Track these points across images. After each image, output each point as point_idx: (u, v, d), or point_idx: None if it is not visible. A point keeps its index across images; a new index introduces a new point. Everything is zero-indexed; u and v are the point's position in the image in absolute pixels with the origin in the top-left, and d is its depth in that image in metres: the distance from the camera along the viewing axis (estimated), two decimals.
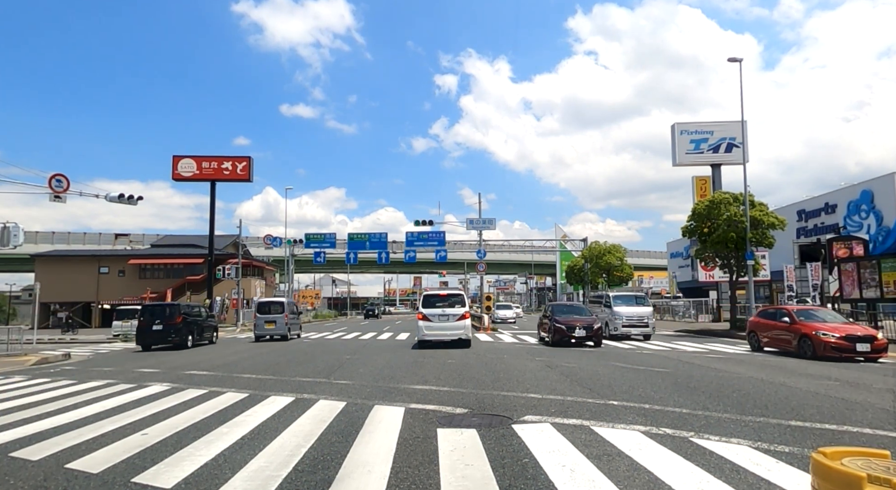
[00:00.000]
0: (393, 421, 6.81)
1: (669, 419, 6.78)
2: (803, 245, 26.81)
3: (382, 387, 9.74)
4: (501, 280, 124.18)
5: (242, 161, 37.61)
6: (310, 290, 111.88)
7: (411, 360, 14.17)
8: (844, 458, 2.61)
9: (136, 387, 10.43)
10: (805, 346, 14.77)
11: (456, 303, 18.77)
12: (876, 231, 28.85)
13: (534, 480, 4.51)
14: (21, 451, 5.76)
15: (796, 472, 4.66)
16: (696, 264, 37.45)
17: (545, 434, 6.02)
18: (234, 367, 13.52)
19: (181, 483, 4.60)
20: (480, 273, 38.81)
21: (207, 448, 5.67)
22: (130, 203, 24.13)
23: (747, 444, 5.58)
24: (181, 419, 7.21)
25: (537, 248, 75.20)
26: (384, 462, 5.05)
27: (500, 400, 8.23)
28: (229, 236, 53.57)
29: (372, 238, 50.57)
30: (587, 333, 17.96)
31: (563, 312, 19.51)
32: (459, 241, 60.24)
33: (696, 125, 43.29)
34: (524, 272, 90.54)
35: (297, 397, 8.75)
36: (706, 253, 26.47)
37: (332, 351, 17.96)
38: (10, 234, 18.61)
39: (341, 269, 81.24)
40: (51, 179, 20.74)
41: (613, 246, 49.33)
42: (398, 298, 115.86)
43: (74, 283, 47.47)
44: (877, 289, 20.61)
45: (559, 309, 20.28)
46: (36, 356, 17.32)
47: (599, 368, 12.14)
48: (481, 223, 38.65)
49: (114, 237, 62.85)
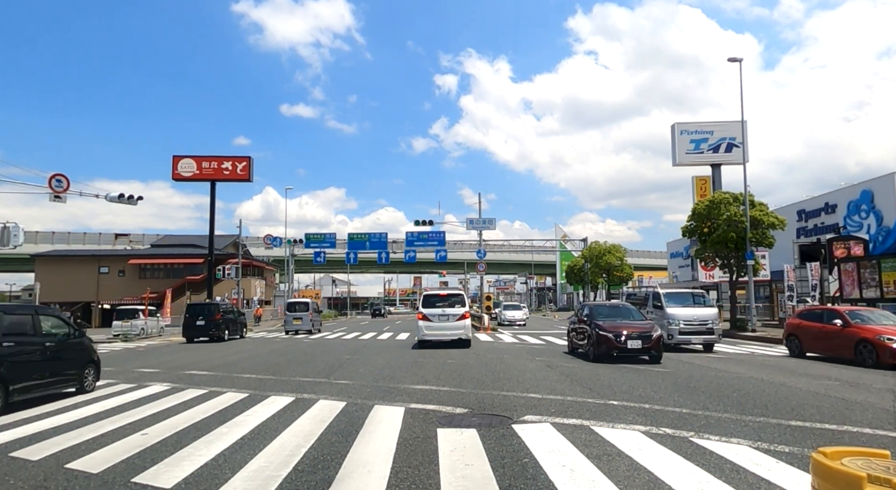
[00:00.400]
0: (393, 421, 6.81)
1: (669, 419, 6.78)
2: (803, 245, 26.77)
3: (382, 387, 9.74)
4: (501, 280, 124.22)
5: (242, 161, 37.60)
6: (310, 290, 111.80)
7: (411, 360, 14.18)
8: (844, 458, 2.61)
9: (136, 387, 10.43)
10: (865, 354, 12.79)
11: (456, 303, 18.77)
12: (876, 231, 28.85)
13: (534, 480, 4.51)
14: (21, 451, 5.76)
15: (796, 472, 4.67)
16: (696, 264, 37.45)
17: (545, 434, 6.03)
18: (234, 367, 13.52)
19: (181, 483, 4.60)
20: (480, 273, 38.82)
21: (207, 448, 5.67)
22: (130, 203, 24.15)
23: (747, 444, 5.58)
24: (181, 419, 7.21)
25: (537, 248, 75.28)
26: (384, 462, 5.05)
27: (500, 400, 8.23)
28: (229, 236, 53.57)
29: (372, 238, 50.60)
30: (643, 344, 13.27)
31: (606, 315, 14.92)
32: (459, 241, 60.33)
33: (696, 125, 43.29)
34: (524, 272, 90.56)
35: (297, 397, 8.75)
36: (706, 253, 26.49)
37: (331, 351, 17.97)
38: (10, 234, 18.62)
39: (341, 269, 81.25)
40: (51, 179, 20.75)
41: (613, 246, 49.39)
42: (398, 298, 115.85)
43: (74, 283, 47.45)
44: (877, 289, 20.61)
45: (600, 311, 15.44)
46: None
47: (599, 368, 12.14)
48: (481, 223, 38.67)
49: (114, 237, 62.86)
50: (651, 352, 13.38)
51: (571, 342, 16.14)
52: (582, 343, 14.92)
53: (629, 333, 13.37)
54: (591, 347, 13.92)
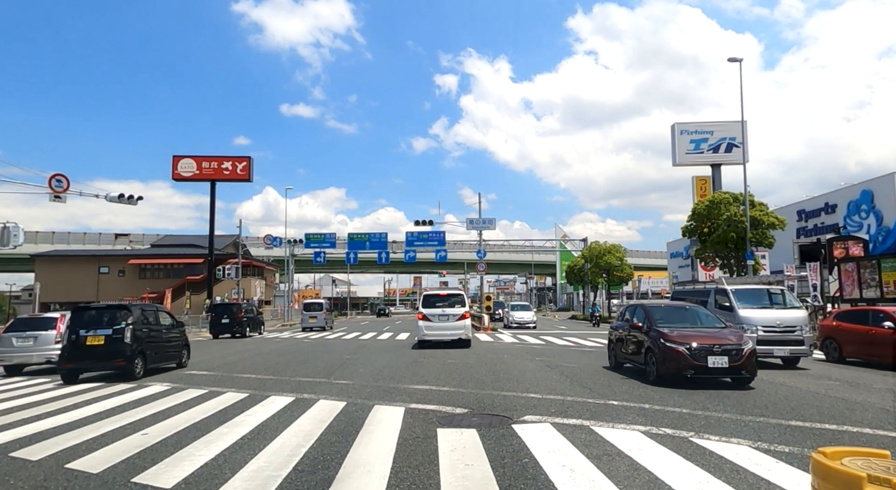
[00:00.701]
0: (393, 421, 6.81)
1: (669, 419, 6.78)
2: (803, 245, 26.82)
3: (382, 387, 9.74)
4: (501, 280, 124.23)
5: (242, 161, 37.61)
6: (310, 290, 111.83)
7: (411, 360, 14.17)
8: (844, 458, 2.61)
9: (136, 387, 10.43)
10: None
11: (456, 303, 18.76)
12: (876, 231, 28.87)
13: (534, 480, 4.51)
14: (21, 451, 5.76)
15: (796, 472, 4.67)
16: (696, 264, 37.46)
17: (545, 434, 6.02)
18: (234, 367, 13.52)
19: (181, 483, 4.60)
20: (480, 273, 38.83)
21: (207, 448, 5.67)
22: (130, 203, 24.16)
23: (747, 444, 5.58)
24: (181, 419, 7.21)
25: (537, 248, 75.25)
26: (384, 462, 5.05)
27: (500, 400, 8.23)
28: (229, 236, 53.54)
29: (372, 238, 50.59)
30: (731, 362, 9.34)
31: (669, 319, 10.97)
32: (459, 241, 60.33)
33: (696, 125, 43.33)
34: (524, 272, 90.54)
35: (297, 397, 8.75)
36: (706, 253, 26.51)
37: (332, 351, 17.97)
38: (10, 234, 18.63)
39: (341, 269, 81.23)
40: (51, 179, 20.76)
41: (613, 246, 49.32)
42: (398, 298, 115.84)
43: (74, 283, 47.43)
44: (877, 289, 20.60)
45: (661, 313, 11.34)
46: None
47: (599, 368, 12.13)
48: (481, 223, 38.67)
49: (114, 237, 62.85)
50: (741, 372, 9.40)
51: (617, 354, 12.33)
52: (634, 357, 11.13)
53: (710, 346, 9.44)
54: (653, 364, 9.97)
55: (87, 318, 11.97)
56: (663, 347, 9.77)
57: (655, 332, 10.22)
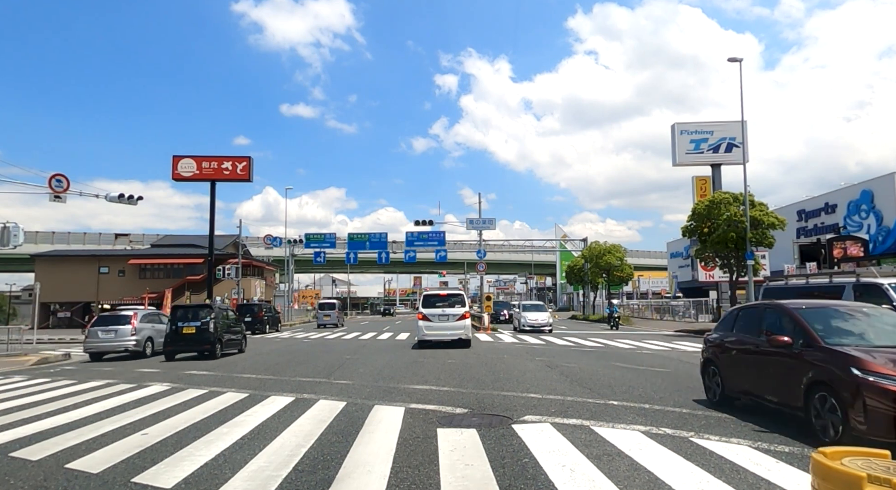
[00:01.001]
0: (393, 421, 6.81)
1: (669, 419, 6.78)
2: (803, 245, 26.82)
3: (382, 387, 9.74)
4: (501, 280, 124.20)
5: (242, 161, 37.56)
6: (310, 290, 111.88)
7: (411, 360, 14.18)
8: (844, 458, 2.61)
9: (136, 387, 10.43)
10: None
11: (456, 303, 18.77)
12: (876, 231, 28.86)
13: (534, 480, 4.51)
14: (21, 451, 5.76)
15: (796, 471, 4.66)
16: (696, 264, 37.46)
17: (545, 434, 6.02)
18: (234, 367, 13.53)
19: (181, 483, 4.60)
20: (480, 273, 38.80)
21: (207, 448, 5.67)
22: (130, 203, 24.14)
23: (747, 444, 5.58)
24: (181, 419, 7.22)
25: (537, 248, 75.18)
26: (384, 462, 5.05)
27: (500, 400, 8.23)
28: (229, 236, 53.52)
29: (372, 238, 50.59)
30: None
31: (843, 332, 6.26)
32: (459, 241, 60.27)
33: (696, 125, 43.29)
34: (524, 272, 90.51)
35: (297, 397, 8.75)
36: (706, 253, 26.48)
37: (332, 351, 17.97)
38: (10, 234, 18.61)
39: (341, 269, 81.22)
40: (51, 179, 20.74)
41: (613, 246, 49.26)
42: (398, 298, 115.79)
43: (74, 283, 47.43)
44: None
45: (827, 320, 6.44)
46: (36, 356, 17.33)
47: (599, 368, 12.13)
48: (481, 223, 38.65)
49: (114, 237, 62.83)
50: None
51: (726, 382, 7.58)
52: (776, 392, 6.48)
53: None
54: (838, 413, 5.39)
55: (182, 314, 16.71)
56: (865, 385, 5.18)
57: (840, 358, 5.60)
